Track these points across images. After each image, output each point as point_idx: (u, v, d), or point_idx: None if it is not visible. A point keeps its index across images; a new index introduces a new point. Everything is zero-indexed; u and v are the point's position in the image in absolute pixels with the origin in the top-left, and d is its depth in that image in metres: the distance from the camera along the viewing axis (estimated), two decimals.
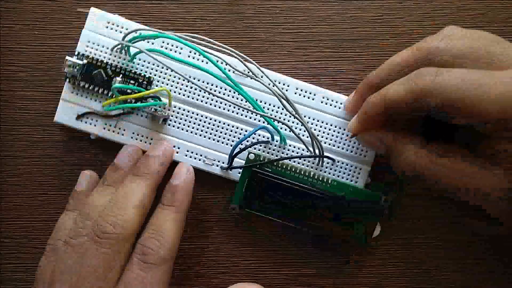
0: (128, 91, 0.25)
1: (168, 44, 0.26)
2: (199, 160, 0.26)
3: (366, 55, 0.27)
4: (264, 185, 0.25)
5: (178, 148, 0.26)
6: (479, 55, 0.21)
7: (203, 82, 0.26)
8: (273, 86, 0.24)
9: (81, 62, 0.25)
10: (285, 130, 0.26)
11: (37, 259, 0.27)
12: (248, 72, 0.24)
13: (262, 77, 0.25)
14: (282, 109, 0.26)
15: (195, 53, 0.26)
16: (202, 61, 0.26)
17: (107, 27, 0.26)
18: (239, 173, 0.26)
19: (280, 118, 0.26)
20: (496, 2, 0.27)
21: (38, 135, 0.27)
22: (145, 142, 0.26)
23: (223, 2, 0.27)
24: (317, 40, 0.27)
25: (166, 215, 0.24)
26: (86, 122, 0.26)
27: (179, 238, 0.24)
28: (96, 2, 0.27)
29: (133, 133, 0.26)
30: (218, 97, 0.24)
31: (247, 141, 0.26)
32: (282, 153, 0.26)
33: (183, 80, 0.26)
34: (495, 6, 0.27)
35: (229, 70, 0.25)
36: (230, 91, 0.26)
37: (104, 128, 0.26)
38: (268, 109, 0.26)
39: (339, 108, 0.26)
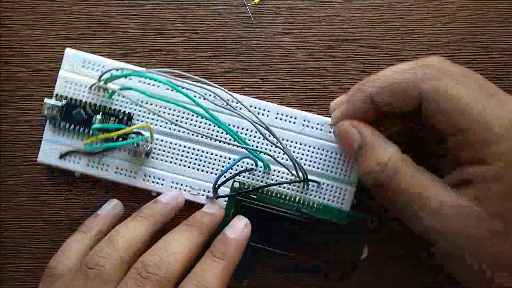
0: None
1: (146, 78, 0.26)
2: (184, 190, 0.26)
3: (366, 55, 0.27)
4: (250, 213, 0.25)
5: (163, 180, 0.26)
6: (480, 84, 0.21)
7: (183, 113, 0.26)
8: (252, 114, 0.24)
9: (59, 104, 0.25)
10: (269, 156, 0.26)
11: (37, 259, 0.27)
12: (226, 105, 0.24)
13: (240, 108, 0.25)
14: (264, 138, 0.26)
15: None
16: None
17: (83, 66, 0.26)
18: (225, 201, 0.26)
19: (262, 145, 0.26)
20: (496, 2, 0.27)
21: (38, 135, 0.27)
22: (129, 177, 0.26)
23: (223, 2, 0.27)
24: (317, 40, 0.27)
25: (214, 267, 0.22)
26: (69, 161, 0.26)
27: None
28: (96, 2, 0.27)
29: (117, 168, 0.26)
30: (197, 133, 0.25)
31: (230, 172, 0.26)
32: (267, 179, 0.26)
33: (163, 113, 0.26)
34: (495, 6, 0.27)
35: (214, 97, 0.25)
36: (210, 124, 0.26)
37: (88, 166, 0.26)
38: (250, 135, 0.26)
39: (321, 130, 0.26)
